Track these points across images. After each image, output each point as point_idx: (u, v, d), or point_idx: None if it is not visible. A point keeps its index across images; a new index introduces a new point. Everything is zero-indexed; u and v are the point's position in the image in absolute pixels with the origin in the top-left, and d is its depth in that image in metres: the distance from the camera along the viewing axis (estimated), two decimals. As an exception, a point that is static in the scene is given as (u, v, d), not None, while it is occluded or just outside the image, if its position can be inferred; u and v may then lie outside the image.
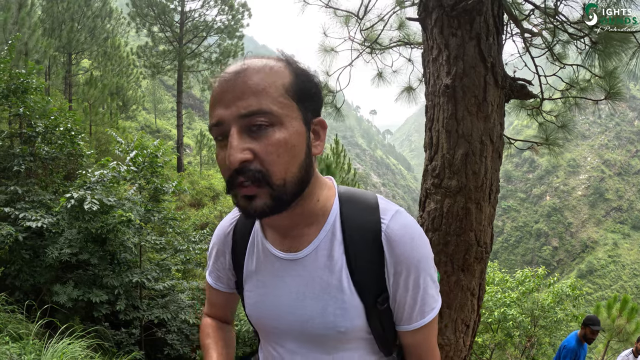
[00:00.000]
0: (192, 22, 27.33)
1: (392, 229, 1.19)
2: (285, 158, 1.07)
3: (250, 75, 1.06)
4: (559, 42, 4.89)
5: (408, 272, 1.20)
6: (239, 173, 1.06)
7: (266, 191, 1.07)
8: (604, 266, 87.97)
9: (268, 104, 1.05)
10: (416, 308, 1.24)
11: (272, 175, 1.06)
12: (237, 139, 1.05)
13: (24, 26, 16.35)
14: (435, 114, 3.51)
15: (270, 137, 1.05)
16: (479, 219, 3.37)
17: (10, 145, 9.84)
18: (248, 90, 1.05)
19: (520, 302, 14.36)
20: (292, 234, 1.27)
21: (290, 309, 1.27)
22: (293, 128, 1.08)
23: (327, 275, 1.22)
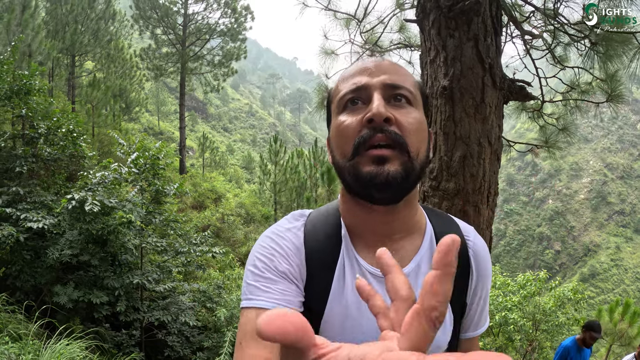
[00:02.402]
0: (195, 25, 27.39)
1: (478, 245, 1.27)
2: (420, 136, 1.08)
3: (392, 64, 1.14)
4: (560, 44, 4.89)
5: (483, 286, 1.28)
6: (378, 131, 1.02)
7: (400, 158, 1.02)
8: (606, 270, 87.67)
9: (409, 85, 1.11)
10: (482, 316, 1.32)
11: (409, 144, 1.04)
12: (382, 101, 1.05)
13: (27, 28, 16.39)
14: (432, 116, 3.50)
15: (409, 112, 1.07)
16: (477, 221, 3.36)
17: (13, 147, 9.87)
18: (394, 70, 1.12)
19: (522, 305, 14.32)
20: (391, 247, 1.12)
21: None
22: (422, 116, 1.12)
23: None
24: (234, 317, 10.07)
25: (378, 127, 1.02)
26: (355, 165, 1.04)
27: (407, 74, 1.14)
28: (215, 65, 27.52)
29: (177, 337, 9.74)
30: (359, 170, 1.03)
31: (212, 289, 11.24)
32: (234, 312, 10.13)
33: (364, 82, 1.07)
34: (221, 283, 11.89)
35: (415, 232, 1.19)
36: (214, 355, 9.44)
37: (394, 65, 1.14)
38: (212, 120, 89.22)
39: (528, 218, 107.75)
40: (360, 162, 1.03)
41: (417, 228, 1.19)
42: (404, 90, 1.08)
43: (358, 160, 1.03)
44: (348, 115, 1.08)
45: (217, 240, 16.45)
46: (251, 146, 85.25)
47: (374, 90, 1.06)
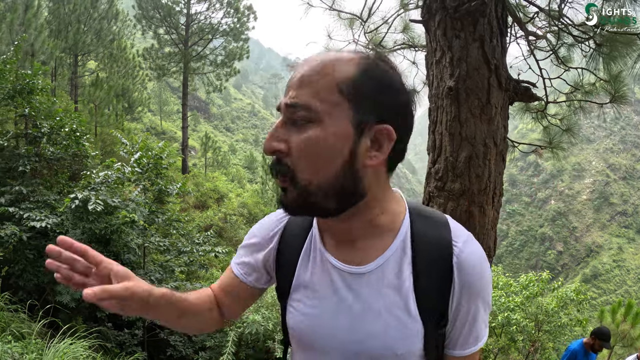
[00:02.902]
0: (197, 25, 27.42)
1: (466, 254, 1.15)
2: (313, 159, 1.01)
3: (307, 66, 1.03)
4: (564, 44, 4.88)
5: (471, 300, 1.16)
6: (274, 162, 1.05)
7: (293, 186, 1.03)
8: (609, 271, 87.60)
9: (308, 98, 1.00)
10: (472, 336, 1.20)
11: (296, 173, 1.02)
12: (278, 127, 1.04)
13: (30, 27, 16.42)
14: (438, 117, 3.50)
15: (304, 134, 1.00)
16: (482, 222, 3.36)
17: (16, 146, 9.88)
18: (298, 81, 1.02)
19: (524, 306, 14.31)
20: (356, 246, 1.18)
21: (349, 327, 1.16)
22: (332, 129, 1.00)
23: (393, 294, 1.14)
24: (237, 317, 10.06)
25: (275, 160, 1.04)
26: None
27: (316, 80, 1.01)
28: (218, 65, 27.56)
29: (179, 337, 9.74)
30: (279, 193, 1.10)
31: (214, 289, 11.24)
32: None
33: (279, 102, 1.06)
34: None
35: (385, 233, 1.17)
36: (216, 355, 9.44)
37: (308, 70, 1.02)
38: (214, 120, 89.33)
39: (530, 219, 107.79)
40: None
41: (386, 229, 1.17)
42: (300, 109, 1.00)
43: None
44: None
45: (220, 240, 16.47)
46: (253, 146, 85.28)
47: (281, 114, 1.05)
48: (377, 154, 1.05)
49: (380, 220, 1.16)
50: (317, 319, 1.21)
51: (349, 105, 1.00)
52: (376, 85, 1.03)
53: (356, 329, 1.15)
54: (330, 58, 1.03)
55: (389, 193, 1.19)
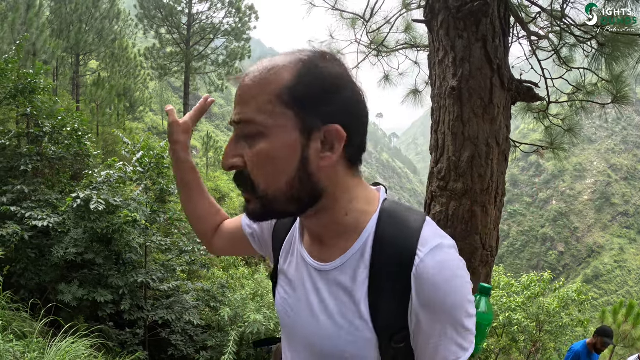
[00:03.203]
0: (199, 25, 27.39)
1: (426, 265, 1.02)
2: (266, 170, 1.02)
3: (247, 83, 1.02)
4: (566, 45, 4.88)
5: (435, 318, 1.03)
6: (234, 177, 1.07)
7: (253, 196, 1.05)
8: (610, 271, 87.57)
9: (252, 114, 1.00)
10: (439, 356, 1.07)
11: (255, 184, 1.03)
12: (232, 144, 1.05)
13: (32, 27, 16.42)
14: (441, 116, 3.50)
15: (255, 148, 1.01)
16: (484, 222, 3.36)
17: (18, 145, 9.89)
18: (242, 97, 1.02)
19: (526, 306, 14.31)
20: (325, 243, 1.17)
21: (306, 320, 1.18)
22: (280, 140, 1.00)
23: (347, 297, 1.10)
24: (238, 317, 10.08)
25: (235, 174, 1.06)
26: None
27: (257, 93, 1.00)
28: (220, 65, 27.54)
29: (180, 336, 9.75)
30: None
31: (216, 288, 11.25)
32: (237, 311, 10.14)
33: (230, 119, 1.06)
34: (225, 282, 11.89)
35: (349, 233, 1.12)
36: (218, 355, 9.45)
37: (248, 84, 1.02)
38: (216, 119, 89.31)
39: (532, 219, 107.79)
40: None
41: (351, 230, 1.12)
42: (246, 124, 1.01)
43: None
44: None
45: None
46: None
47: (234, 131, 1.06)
48: (329, 155, 1.03)
49: (344, 221, 1.12)
50: (288, 306, 1.25)
51: (293, 113, 0.99)
52: (316, 87, 1.01)
53: (312, 324, 1.16)
54: (267, 67, 1.02)
55: (355, 192, 1.13)
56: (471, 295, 1.07)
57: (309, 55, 1.04)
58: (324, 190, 1.07)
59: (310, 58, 1.03)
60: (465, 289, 1.05)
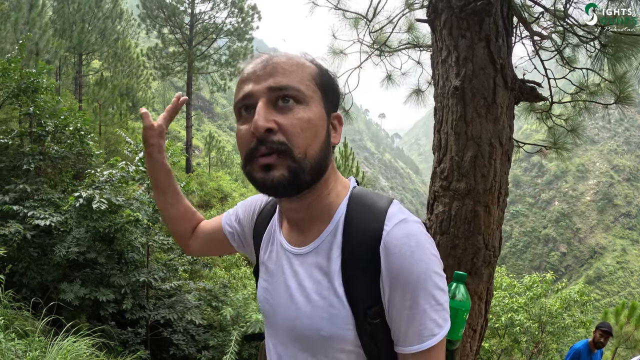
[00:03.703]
0: (202, 24, 27.40)
1: (392, 237, 1.09)
2: (308, 134, 1.11)
3: (281, 59, 1.15)
4: (569, 45, 4.87)
5: (405, 288, 1.08)
6: (260, 143, 1.09)
7: (285, 163, 1.09)
8: (612, 272, 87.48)
9: (297, 83, 1.12)
10: (412, 330, 1.10)
11: (295, 148, 1.09)
12: (264, 109, 1.09)
13: (35, 26, 16.45)
14: (444, 116, 3.49)
15: (296, 113, 1.10)
16: (487, 222, 3.35)
17: (20, 144, 9.90)
18: (280, 70, 1.13)
19: (528, 307, 14.30)
20: (302, 228, 1.27)
21: (285, 304, 1.25)
22: (317, 109, 1.14)
23: (322, 276, 1.18)
24: (240, 316, 10.08)
25: (261, 139, 1.09)
26: (249, 172, 1.15)
27: (296, 70, 1.14)
28: (222, 65, 27.54)
29: (182, 336, 9.75)
30: (252, 176, 1.14)
31: (218, 288, 11.25)
32: (239, 311, 10.14)
33: (249, 90, 1.13)
34: (227, 282, 11.89)
35: (324, 217, 1.23)
36: (219, 354, 9.45)
37: (283, 62, 1.15)
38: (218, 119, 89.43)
39: (534, 219, 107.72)
40: (253, 170, 1.13)
41: (325, 214, 1.23)
42: (290, 90, 1.11)
43: (250, 168, 1.14)
44: (242, 124, 1.16)
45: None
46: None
47: (259, 98, 1.11)
48: (336, 135, 1.24)
49: (325, 200, 1.23)
50: (268, 295, 1.33)
51: (320, 95, 1.17)
52: (331, 82, 1.23)
53: (291, 307, 1.23)
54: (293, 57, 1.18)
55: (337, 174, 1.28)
56: (440, 269, 1.12)
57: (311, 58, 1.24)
58: (328, 166, 1.21)
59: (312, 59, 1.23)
60: (432, 261, 1.10)
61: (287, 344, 1.27)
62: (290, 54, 1.19)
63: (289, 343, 1.26)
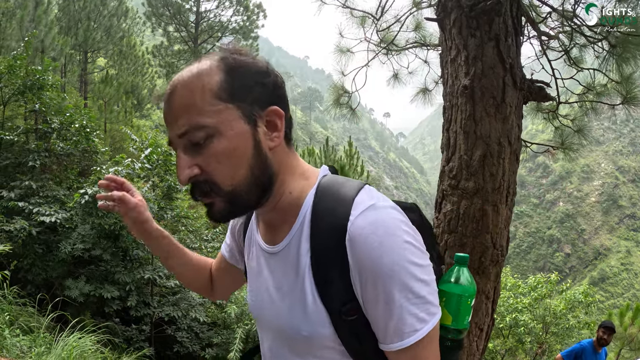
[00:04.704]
0: (207, 23, 27.46)
1: (357, 226, 1.01)
2: (227, 164, 1.05)
3: (178, 94, 1.06)
4: (576, 45, 4.86)
5: (376, 282, 1.00)
6: (193, 187, 1.08)
7: (219, 197, 1.07)
8: (617, 274, 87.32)
9: (197, 119, 1.03)
10: (391, 327, 1.02)
11: (219, 184, 1.06)
12: (182, 157, 1.06)
13: (40, 24, 16.50)
14: (453, 115, 3.49)
15: (210, 149, 1.04)
16: (495, 221, 3.35)
17: (26, 141, 9.94)
18: (178, 110, 1.05)
19: (532, 308, 14.29)
20: (275, 227, 1.21)
21: (267, 305, 1.22)
22: (232, 132, 1.04)
23: (294, 274, 1.12)
24: (244, 314, 10.09)
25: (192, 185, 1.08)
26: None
27: (193, 98, 1.04)
28: (227, 63, 27.57)
29: (186, 333, 9.78)
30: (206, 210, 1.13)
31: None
32: (244, 308, 10.15)
33: (169, 137, 1.10)
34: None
35: (292, 215, 1.16)
36: (223, 352, 9.47)
37: (178, 97, 1.06)
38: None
39: (538, 220, 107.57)
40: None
41: (293, 208, 1.16)
42: (192, 132, 1.03)
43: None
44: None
45: (228, 238, 16.48)
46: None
47: (177, 147, 1.08)
48: (277, 134, 1.11)
49: (288, 199, 1.16)
50: (254, 296, 1.30)
51: (233, 106, 1.05)
52: (247, 77, 1.08)
53: (272, 307, 1.20)
54: (190, 76, 1.07)
55: (296, 169, 1.19)
56: (418, 258, 1.02)
57: (225, 53, 1.12)
58: (276, 171, 1.12)
59: (229, 55, 1.11)
60: (406, 250, 1.01)
61: (276, 344, 1.24)
62: (189, 72, 1.08)
63: (276, 343, 1.24)
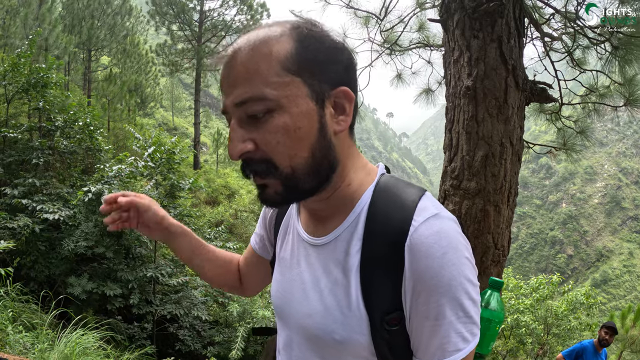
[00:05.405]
0: (211, 22, 27.47)
1: (421, 234, 0.94)
2: (288, 144, 0.95)
3: (241, 58, 0.95)
4: (579, 47, 4.86)
5: (430, 295, 0.93)
6: (245, 164, 0.99)
7: (275, 181, 0.98)
8: (619, 276, 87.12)
9: (260, 89, 0.93)
10: (435, 342, 0.96)
11: (277, 164, 0.96)
12: (236, 129, 0.97)
13: (44, 22, 16.53)
14: (455, 116, 3.50)
15: (269, 124, 0.94)
16: (497, 221, 3.36)
17: (30, 139, 9.96)
18: (239, 76, 0.94)
19: (534, 309, 14.28)
20: (322, 218, 1.12)
21: (298, 299, 1.12)
22: (296, 109, 0.95)
23: (339, 272, 1.04)
24: (246, 313, 10.10)
25: (245, 161, 0.99)
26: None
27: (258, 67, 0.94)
28: (231, 62, 27.59)
29: (188, 331, 9.79)
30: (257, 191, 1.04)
31: (224, 285, 11.28)
32: (246, 307, 10.17)
33: (224, 106, 0.99)
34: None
35: (345, 208, 1.07)
36: (225, 350, 9.48)
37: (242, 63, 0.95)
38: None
39: (541, 221, 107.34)
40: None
41: (347, 205, 1.07)
42: (256, 102, 0.93)
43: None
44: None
45: (231, 236, 16.50)
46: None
47: (232, 117, 0.98)
48: (344, 117, 1.01)
49: (345, 191, 1.07)
50: (282, 288, 1.20)
51: (301, 81, 0.95)
52: (320, 51, 0.98)
53: (303, 303, 1.10)
54: (259, 40, 0.96)
55: (356, 160, 1.10)
56: (473, 276, 0.97)
57: (299, 22, 1.00)
58: (338, 158, 1.03)
59: (303, 24, 1.00)
60: (465, 266, 0.95)
61: (299, 343, 1.14)
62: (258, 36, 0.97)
63: (300, 342, 1.13)
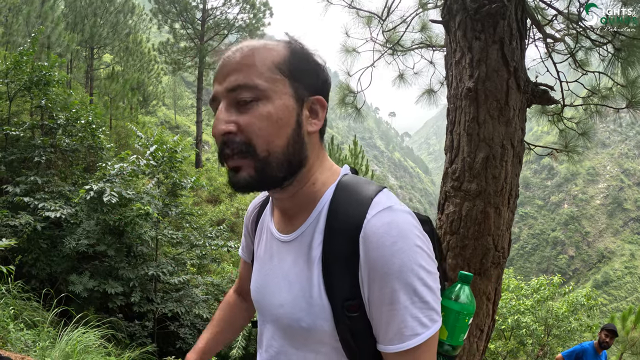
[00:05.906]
0: (213, 20, 27.47)
1: (372, 225, 1.03)
2: (269, 130, 1.07)
3: (242, 53, 1.11)
4: (582, 48, 4.86)
5: (383, 281, 1.01)
6: (225, 145, 1.09)
7: (250, 163, 1.08)
8: (620, 277, 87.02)
9: (253, 79, 1.07)
10: (393, 328, 1.03)
11: (256, 147, 1.07)
12: (223, 111, 1.09)
13: (47, 20, 16.56)
14: (456, 117, 3.50)
15: (255, 111, 1.07)
16: (497, 223, 3.36)
17: (32, 137, 9.98)
18: (237, 66, 1.09)
19: (535, 310, 14.27)
20: (291, 216, 1.24)
21: (272, 290, 1.24)
22: (280, 102, 1.09)
23: (304, 264, 1.15)
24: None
25: (224, 141, 1.09)
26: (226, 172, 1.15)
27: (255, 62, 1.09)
28: (233, 61, 27.57)
29: (189, 330, 9.79)
30: (227, 177, 1.14)
31: (225, 283, 11.29)
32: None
33: (215, 91, 1.12)
34: (235, 277, 11.92)
35: (309, 206, 1.20)
36: (226, 349, 9.47)
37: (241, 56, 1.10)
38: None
39: (543, 222, 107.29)
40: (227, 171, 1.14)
41: (311, 203, 1.19)
42: (245, 89, 1.07)
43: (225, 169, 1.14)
44: None
45: (232, 235, 16.52)
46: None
47: (221, 100, 1.11)
48: (316, 121, 1.17)
49: (310, 189, 1.19)
50: (258, 283, 1.33)
51: (288, 82, 1.11)
52: (306, 63, 1.16)
53: (276, 295, 1.22)
54: (259, 45, 1.13)
55: (323, 162, 1.23)
56: (427, 264, 1.04)
57: (291, 38, 1.19)
58: (308, 156, 1.16)
59: (296, 42, 1.18)
60: (417, 254, 1.02)
61: (273, 333, 1.26)
62: (254, 43, 1.14)
63: (274, 332, 1.25)
